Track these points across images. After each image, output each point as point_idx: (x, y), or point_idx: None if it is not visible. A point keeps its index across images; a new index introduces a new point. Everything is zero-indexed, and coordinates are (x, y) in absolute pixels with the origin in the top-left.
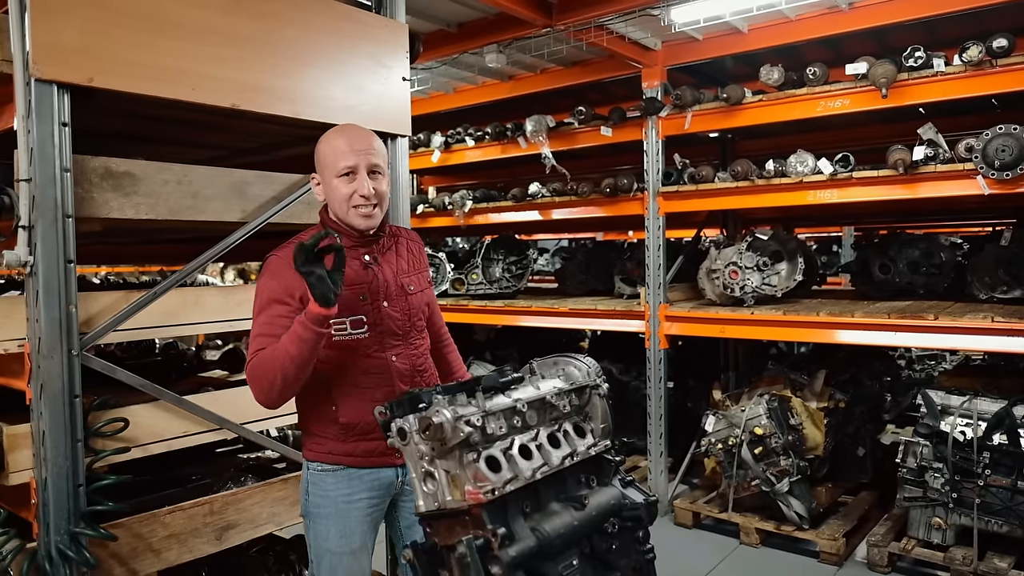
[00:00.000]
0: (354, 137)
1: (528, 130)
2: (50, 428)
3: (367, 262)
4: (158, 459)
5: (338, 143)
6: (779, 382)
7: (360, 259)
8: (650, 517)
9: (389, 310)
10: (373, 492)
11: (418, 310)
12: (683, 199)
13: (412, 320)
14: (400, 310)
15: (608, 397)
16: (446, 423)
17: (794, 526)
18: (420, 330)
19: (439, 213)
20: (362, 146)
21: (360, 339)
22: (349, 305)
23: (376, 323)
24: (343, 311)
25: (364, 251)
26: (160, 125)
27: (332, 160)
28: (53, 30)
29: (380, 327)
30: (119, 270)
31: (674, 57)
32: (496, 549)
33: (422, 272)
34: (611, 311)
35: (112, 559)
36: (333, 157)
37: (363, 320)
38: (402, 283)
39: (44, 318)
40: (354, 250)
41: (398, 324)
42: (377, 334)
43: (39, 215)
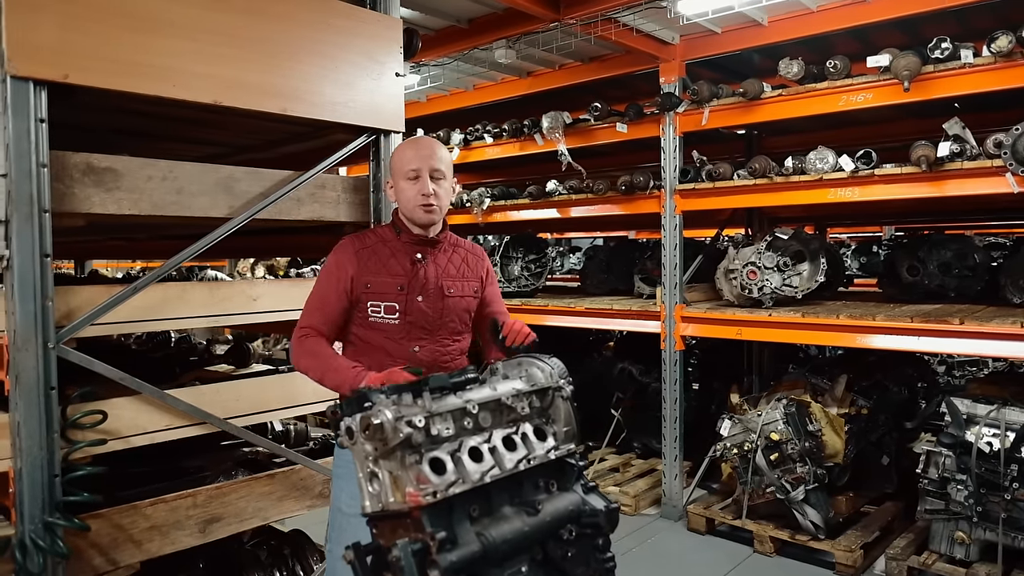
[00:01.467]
0: (421, 145)
1: (544, 127)
2: (25, 419)
3: (417, 259)
4: (161, 450)
5: (407, 151)
6: (799, 386)
7: (411, 256)
8: (610, 524)
9: (422, 305)
10: None
11: (453, 312)
12: (700, 197)
13: (444, 319)
14: (433, 308)
15: (572, 399)
16: (386, 423)
17: (809, 536)
18: (453, 331)
19: (458, 211)
20: (426, 152)
21: (390, 324)
22: (388, 292)
23: (407, 313)
24: (381, 296)
25: (417, 250)
26: (158, 122)
27: (400, 165)
28: (28, 27)
29: (410, 318)
30: (152, 265)
31: (692, 51)
32: (434, 553)
33: (470, 280)
34: (627, 311)
35: (92, 549)
36: (401, 162)
37: (395, 307)
38: (442, 284)
39: (19, 311)
40: (409, 247)
41: (428, 320)
42: (406, 323)
43: (14, 210)
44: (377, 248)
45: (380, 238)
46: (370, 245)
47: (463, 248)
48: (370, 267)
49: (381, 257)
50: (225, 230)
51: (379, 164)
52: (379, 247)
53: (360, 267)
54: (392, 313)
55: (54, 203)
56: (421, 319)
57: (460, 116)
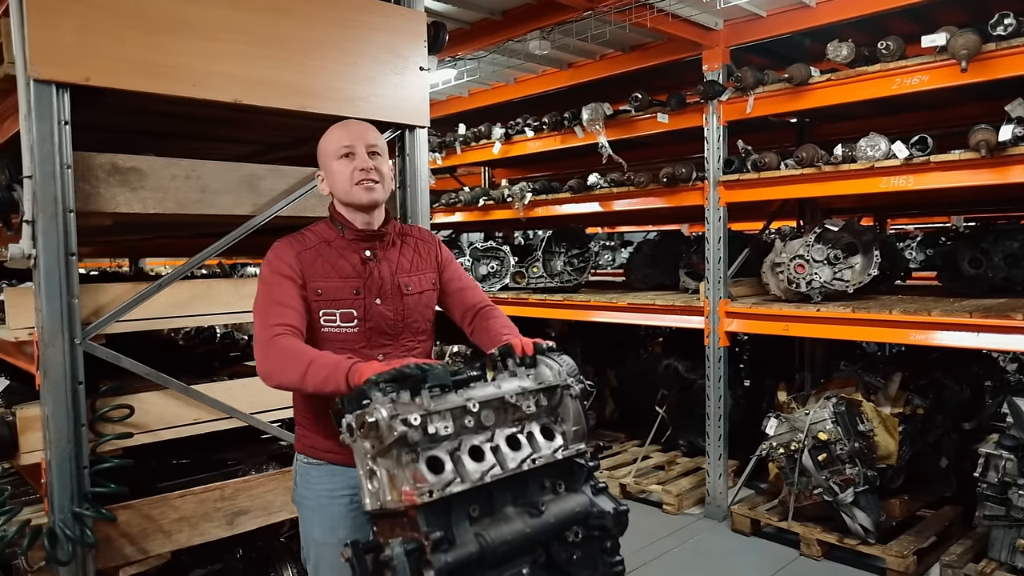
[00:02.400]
0: (350, 124)
1: (585, 119)
2: (53, 412)
3: (366, 257)
4: (202, 442)
5: (335, 132)
6: (851, 384)
7: (360, 253)
8: (618, 527)
9: (381, 308)
10: (355, 491)
11: (414, 311)
12: (745, 188)
13: (406, 321)
14: (393, 309)
15: (582, 398)
16: (381, 421)
17: (859, 540)
18: (416, 332)
19: (499, 206)
20: (358, 130)
21: (348, 333)
22: (341, 298)
23: (366, 319)
24: (335, 303)
25: (365, 246)
26: (187, 122)
27: (330, 145)
28: (50, 32)
29: (370, 324)
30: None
31: (737, 37)
32: (429, 553)
33: (426, 272)
34: (670, 306)
35: (123, 538)
36: (332, 143)
37: (353, 314)
38: (399, 282)
39: (46, 308)
40: (355, 244)
41: (389, 323)
42: (367, 331)
43: (40, 210)
44: (321, 249)
45: (321, 238)
46: (312, 246)
47: (412, 237)
48: (317, 271)
49: (328, 259)
50: (248, 227)
51: (404, 159)
52: (323, 248)
53: (306, 271)
54: (350, 320)
55: (81, 203)
56: (382, 323)
57: (502, 110)
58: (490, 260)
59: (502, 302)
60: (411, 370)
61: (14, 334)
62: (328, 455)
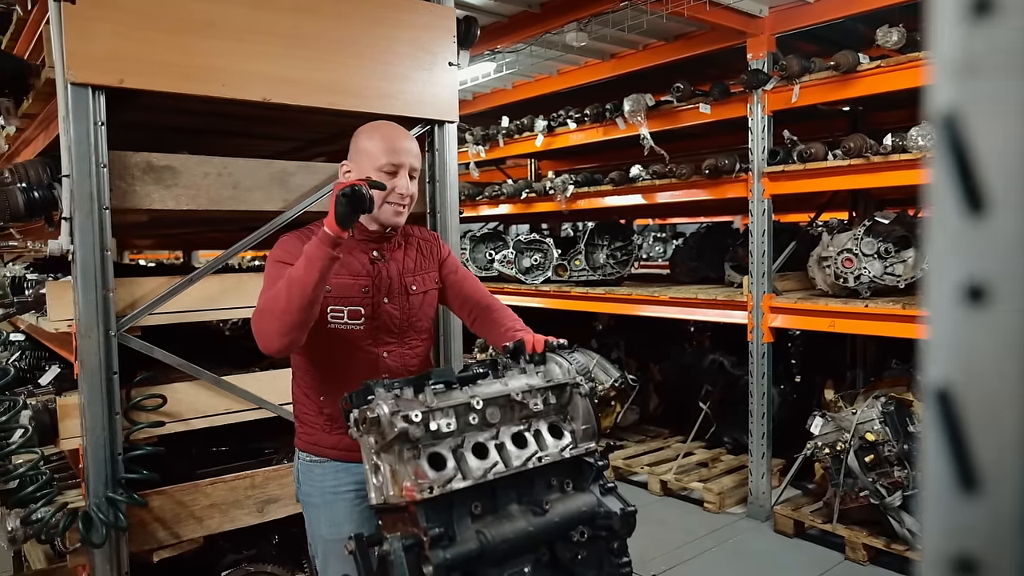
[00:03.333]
0: (400, 136)
1: (626, 110)
2: (88, 401)
3: (375, 257)
4: (240, 431)
5: (385, 138)
6: (902, 383)
7: (368, 253)
8: (626, 528)
9: (388, 307)
10: (360, 486)
11: (419, 310)
12: (790, 180)
13: (411, 320)
14: (399, 309)
15: (591, 397)
16: (382, 417)
17: (907, 545)
18: (420, 331)
19: (542, 198)
20: (406, 146)
21: (355, 330)
22: (350, 295)
23: (373, 317)
24: (343, 300)
25: (374, 247)
26: (224, 120)
27: (375, 154)
28: (85, 36)
29: (376, 322)
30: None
31: (782, 23)
32: (427, 549)
33: (429, 272)
34: (712, 300)
35: (156, 523)
36: (376, 151)
37: (360, 312)
38: (405, 282)
39: (82, 301)
40: (364, 244)
41: (395, 322)
42: (373, 328)
43: (77, 207)
44: None
45: None
46: None
47: (415, 237)
48: None
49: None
50: (279, 222)
51: (434, 154)
52: None
53: None
54: (357, 318)
55: (117, 200)
56: (388, 322)
57: (545, 102)
58: (533, 252)
59: (544, 295)
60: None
61: (55, 325)
62: (332, 451)
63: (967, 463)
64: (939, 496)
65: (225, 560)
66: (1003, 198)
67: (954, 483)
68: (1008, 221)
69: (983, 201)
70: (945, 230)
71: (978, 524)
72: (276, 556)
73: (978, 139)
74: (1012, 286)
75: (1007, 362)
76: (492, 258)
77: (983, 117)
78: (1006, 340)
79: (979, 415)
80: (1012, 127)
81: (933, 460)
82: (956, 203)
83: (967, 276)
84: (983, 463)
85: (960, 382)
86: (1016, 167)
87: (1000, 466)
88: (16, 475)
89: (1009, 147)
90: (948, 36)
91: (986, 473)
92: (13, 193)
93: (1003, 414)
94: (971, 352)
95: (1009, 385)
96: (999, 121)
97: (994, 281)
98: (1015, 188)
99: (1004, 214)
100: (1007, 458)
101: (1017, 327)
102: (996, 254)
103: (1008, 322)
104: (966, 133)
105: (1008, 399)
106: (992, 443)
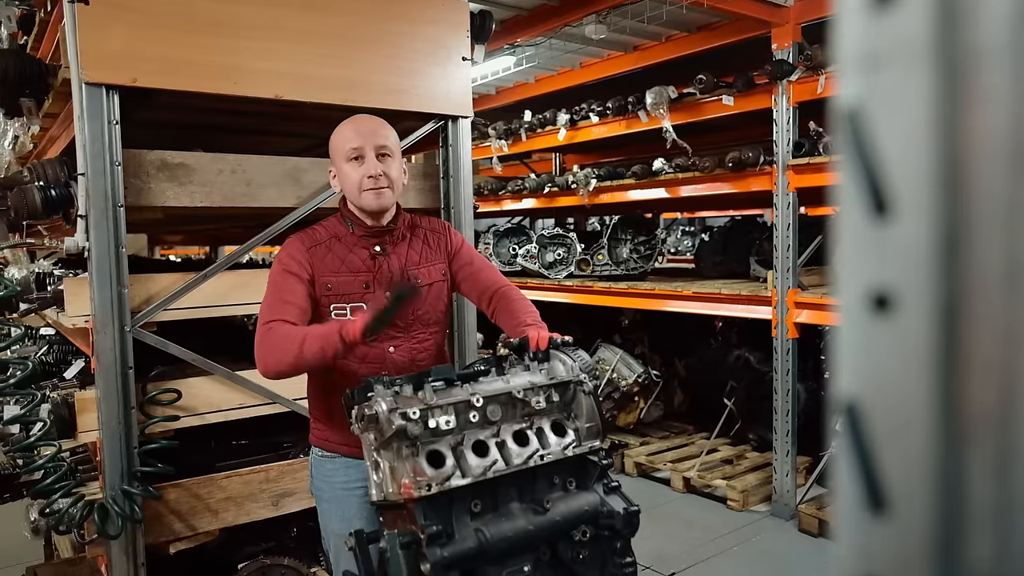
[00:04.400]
0: (360, 122)
1: (648, 102)
2: (104, 395)
3: (376, 252)
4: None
5: (345, 130)
6: None
7: (369, 248)
8: (628, 528)
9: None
10: None
11: (424, 303)
12: (816, 172)
13: (416, 313)
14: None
15: (595, 394)
16: (380, 414)
17: None
18: (427, 324)
19: (565, 192)
20: (367, 129)
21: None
22: (352, 292)
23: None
24: (345, 297)
25: (375, 241)
26: (240, 118)
27: (340, 146)
28: (98, 36)
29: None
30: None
31: (808, 12)
32: (424, 547)
33: (435, 264)
34: (736, 296)
35: (172, 515)
36: (341, 143)
37: (363, 308)
38: (409, 276)
39: (97, 297)
40: (364, 239)
41: (400, 317)
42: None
43: (92, 205)
44: (332, 244)
45: (332, 233)
46: (322, 241)
47: (422, 228)
48: (328, 266)
49: (338, 254)
50: (292, 219)
51: (448, 150)
52: (333, 243)
53: (317, 266)
54: (359, 315)
55: (132, 198)
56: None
57: (569, 95)
58: (557, 247)
59: (567, 290)
60: (394, 304)
61: (72, 321)
62: (342, 448)
63: (875, 482)
64: (848, 516)
65: (242, 552)
66: (908, 200)
67: (863, 502)
68: (913, 224)
69: (887, 204)
70: (850, 234)
71: (886, 546)
72: (293, 549)
73: (882, 136)
74: (918, 294)
75: (914, 375)
76: (516, 252)
77: (887, 113)
78: (912, 352)
79: (886, 431)
80: (916, 123)
81: (843, 478)
82: (860, 205)
83: (872, 283)
84: (891, 482)
85: (867, 396)
86: (921, 167)
87: (908, 486)
88: (37, 466)
89: (913, 144)
90: (850, 28)
91: (894, 492)
92: (31, 191)
93: (910, 431)
94: (878, 364)
95: (916, 400)
96: (903, 117)
97: (899, 288)
98: (919, 189)
99: (909, 217)
100: (915, 477)
101: (923, 338)
102: (901, 259)
103: (914, 332)
104: (870, 130)
105: (915, 415)
106: (900, 461)
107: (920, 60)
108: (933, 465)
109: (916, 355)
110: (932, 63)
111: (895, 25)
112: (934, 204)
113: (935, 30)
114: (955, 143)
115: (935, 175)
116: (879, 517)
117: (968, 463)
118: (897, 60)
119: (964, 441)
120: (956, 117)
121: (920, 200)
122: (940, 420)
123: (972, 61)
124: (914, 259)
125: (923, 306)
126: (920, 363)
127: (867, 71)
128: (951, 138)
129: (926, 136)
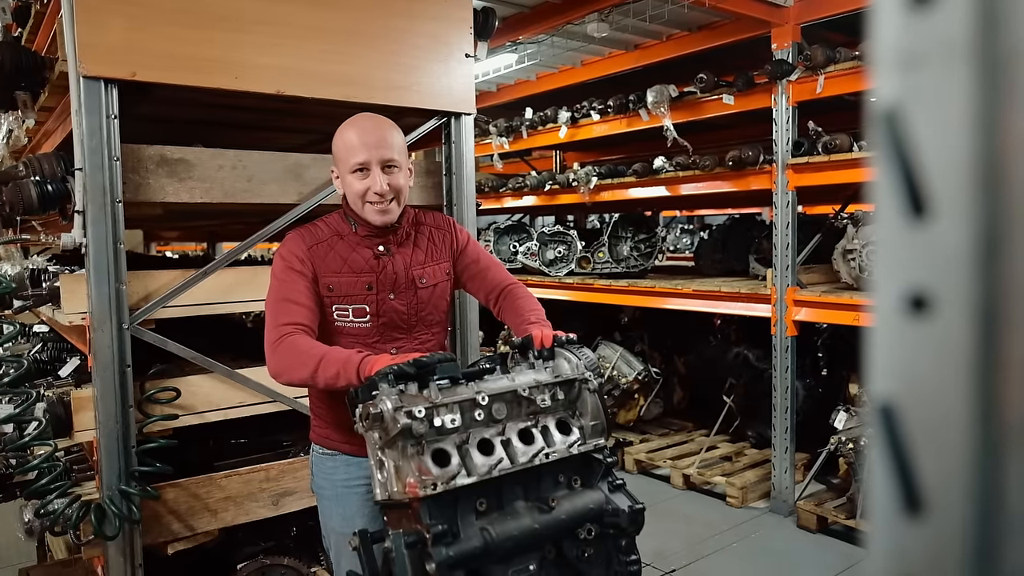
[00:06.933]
0: (366, 130)
1: (649, 101)
2: (101, 394)
3: (379, 252)
4: (257, 423)
5: (350, 137)
6: None
7: (372, 249)
8: (633, 526)
9: (395, 303)
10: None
11: (428, 304)
12: (815, 171)
13: (420, 314)
14: (407, 304)
15: (600, 392)
16: (385, 413)
17: None
18: (430, 324)
19: (565, 190)
20: (373, 139)
21: (361, 328)
22: (355, 293)
23: (380, 314)
24: (347, 299)
25: (379, 241)
26: (243, 113)
27: (344, 155)
28: (97, 30)
29: (383, 319)
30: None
31: (808, 12)
32: (429, 546)
33: (440, 263)
34: (735, 293)
35: (171, 515)
36: (345, 152)
37: (366, 310)
38: (413, 276)
39: (95, 294)
40: (368, 239)
41: (403, 318)
42: (379, 325)
43: (90, 200)
44: (333, 243)
45: (334, 231)
46: (324, 239)
47: (426, 226)
48: (329, 265)
49: (340, 253)
50: (293, 215)
51: (450, 146)
52: (335, 241)
53: (318, 266)
54: (362, 316)
55: (131, 193)
56: (395, 318)
57: (570, 93)
58: (557, 244)
59: (567, 287)
60: (424, 362)
61: (68, 318)
62: (343, 446)
63: (911, 484)
64: (884, 517)
65: (242, 552)
66: (946, 200)
67: (899, 504)
68: (951, 225)
69: (925, 204)
70: (887, 235)
71: (922, 548)
72: (293, 549)
73: (920, 136)
74: (956, 295)
75: (951, 378)
76: (516, 250)
77: (925, 113)
78: (950, 354)
79: (923, 433)
80: (955, 123)
81: (878, 479)
82: (898, 206)
83: (909, 284)
84: (928, 484)
85: (903, 397)
86: (959, 167)
87: (945, 488)
88: (32, 466)
89: (952, 144)
90: (888, 27)
91: (930, 494)
92: (27, 186)
93: (948, 433)
94: (914, 366)
95: (953, 402)
96: (942, 117)
97: (937, 290)
98: (958, 190)
99: (947, 218)
100: (952, 479)
101: (961, 340)
102: (939, 261)
103: (952, 335)
104: (908, 131)
105: (952, 417)
106: (936, 463)
107: (960, 60)
108: (971, 468)
109: (954, 357)
110: (972, 63)
111: (934, 24)
112: (973, 205)
113: (975, 30)
114: (995, 143)
115: (974, 175)
116: (915, 519)
117: (1006, 467)
118: (936, 59)
119: (1003, 444)
120: (996, 117)
121: (959, 201)
122: (978, 423)
123: (1012, 61)
124: (952, 260)
125: (961, 308)
126: (958, 366)
127: (905, 70)
128: (990, 138)
129: (965, 136)
